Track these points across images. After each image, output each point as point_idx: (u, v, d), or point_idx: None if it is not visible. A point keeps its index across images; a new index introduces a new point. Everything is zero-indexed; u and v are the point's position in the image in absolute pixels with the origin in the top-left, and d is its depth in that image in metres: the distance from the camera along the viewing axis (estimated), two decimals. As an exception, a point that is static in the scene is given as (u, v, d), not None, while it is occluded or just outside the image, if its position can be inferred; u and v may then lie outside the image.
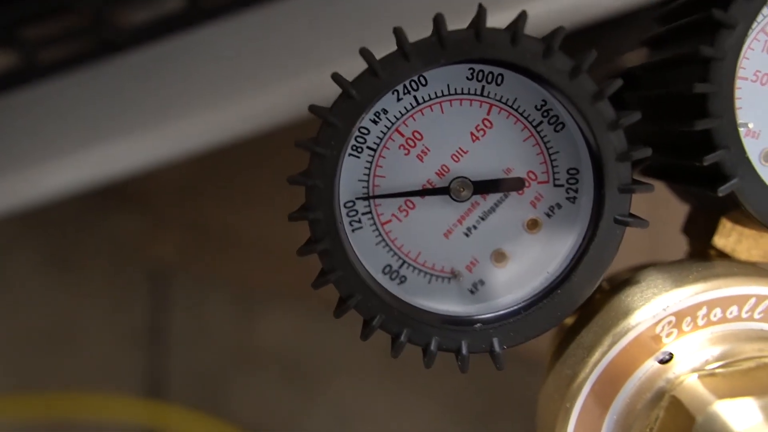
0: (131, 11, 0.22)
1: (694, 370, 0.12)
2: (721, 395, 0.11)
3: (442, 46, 0.12)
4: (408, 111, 0.13)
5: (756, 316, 0.12)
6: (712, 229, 0.14)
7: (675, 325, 0.12)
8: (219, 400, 0.54)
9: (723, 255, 0.14)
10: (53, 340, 0.54)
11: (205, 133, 0.22)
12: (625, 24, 0.22)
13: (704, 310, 0.12)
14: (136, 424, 0.54)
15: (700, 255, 0.14)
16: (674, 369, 0.12)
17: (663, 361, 0.12)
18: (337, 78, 0.12)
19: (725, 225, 0.14)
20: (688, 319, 0.12)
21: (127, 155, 0.23)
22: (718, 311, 0.12)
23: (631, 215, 0.12)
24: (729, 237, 0.14)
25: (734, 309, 0.12)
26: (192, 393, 0.54)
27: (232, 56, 0.22)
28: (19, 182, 0.24)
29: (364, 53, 0.12)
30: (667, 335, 0.12)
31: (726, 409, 0.11)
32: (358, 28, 0.22)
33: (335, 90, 0.12)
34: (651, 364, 0.12)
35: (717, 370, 0.12)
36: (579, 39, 0.22)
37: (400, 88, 0.13)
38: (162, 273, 0.57)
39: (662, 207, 0.16)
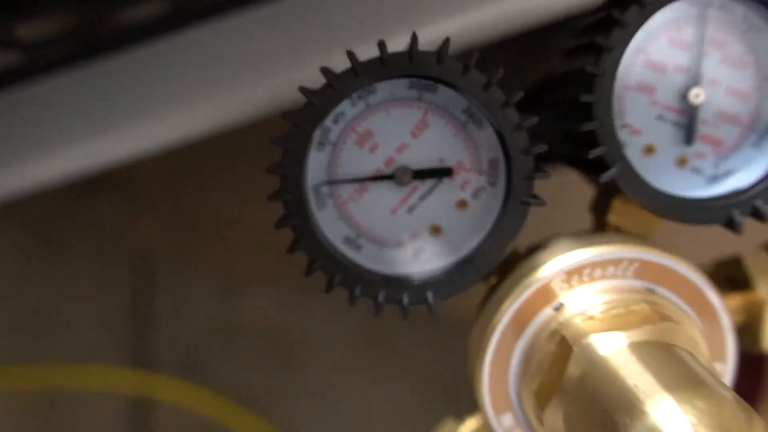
0: (113, 14, 0.25)
1: (578, 315, 0.16)
2: (596, 332, 0.15)
3: (384, 66, 0.15)
4: (361, 113, 0.17)
5: (628, 274, 0.17)
6: (606, 208, 0.18)
7: (566, 281, 0.16)
8: (204, 376, 0.57)
9: (615, 229, 0.18)
10: (40, 322, 0.57)
11: (187, 126, 0.26)
12: (561, 29, 0.25)
13: (589, 269, 0.16)
14: (126, 393, 0.57)
15: (600, 228, 0.18)
16: (564, 314, 0.16)
17: (556, 309, 0.16)
18: (302, 89, 0.16)
19: (615, 205, 0.18)
20: (577, 276, 0.16)
21: (114, 148, 0.26)
22: (599, 270, 0.16)
23: (534, 197, 0.16)
24: (618, 215, 0.18)
25: (611, 269, 0.16)
26: (178, 370, 0.57)
27: (211, 56, 0.26)
28: (9, 174, 0.27)
29: (324, 71, 0.16)
30: (560, 289, 0.16)
31: (597, 340, 0.15)
32: (327, 32, 0.25)
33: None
34: (548, 311, 0.16)
35: (596, 315, 0.16)
36: (519, 43, 0.26)
37: (353, 96, 0.16)
38: (146, 257, 0.59)
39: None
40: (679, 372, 0.14)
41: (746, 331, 0.19)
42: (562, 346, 0.16)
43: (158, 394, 0.56)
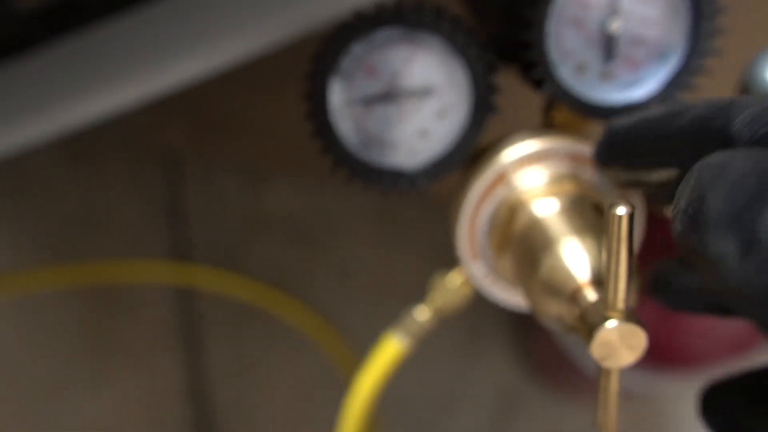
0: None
1: (525, 190, 0.24)
2: (533, 200, 0.23)
3: (380, 19, 0.22)
4: (367, 51, 0.24)
5: (563, 159, 0.24)
6: (552, 109, 0.25)
7: (515, 167, 0.24)
8: (237, 263, 0.65)
9: (560, 124, 0.25)
10: (80, 222, 0.64)
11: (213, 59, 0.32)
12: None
13: (533, 157, 0.24)
14: (169, 284, 0.65)
15: (549, 124, 0.26)
16: (515, 190, 0.24)
17: (510, 186, 0.24)
18: (322, 40, 0.23)
19: (557, 107, 0.25)
20: (525, 162, 0.24)
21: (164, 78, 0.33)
22: (541, 157, 0.24)
23: (491, 109, 0.24)
24: (560, 115, 0.25)
25: (550, 156, 0.24)
26: (213, 258, 0.65)
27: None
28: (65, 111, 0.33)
29: (336, 26, 0.22)
30: (512, 171, 0.24)
31: (536, 205, 0.23)
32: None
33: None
34: (503, 189, 0.24)
35: (538, 189, 0.23)
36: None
37: (361, 39, 0.23)
38: (174, 156, 0.66)
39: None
40: (590, 223, 0.21)
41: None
42: (512, 212, 0.23)
43: (198, 283, 0.64)
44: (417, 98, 0.24)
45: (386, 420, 0.60)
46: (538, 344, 0.55)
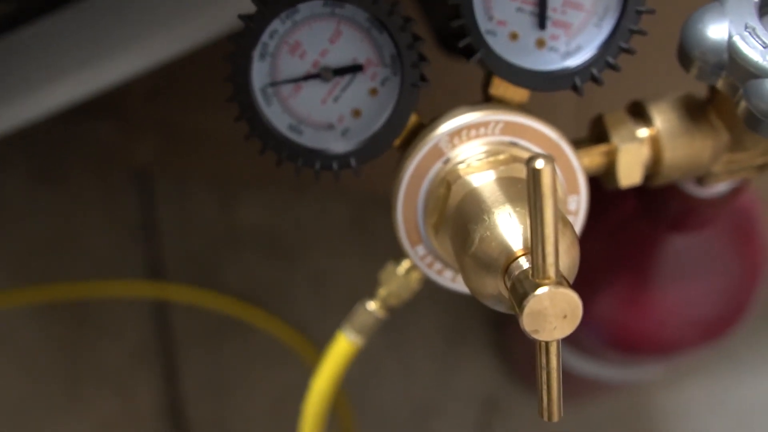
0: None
1: (459, 164, 0.22)
2: (470, 173, 0.22)
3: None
4: (290, 29, 0.23)
5: (496, 131, 0.23)
6: (489, 82, 0.24)
7: (450, 141, 0.23)
8: (212, 278, 0.64)
9: (497, 98, 0.24)
10: (52, 242, 0.63)
11: (164, 48, 0.31)
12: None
13: (465, 131, 0.23)
14: (144, 300, 0.64)
15: (486, 98, 0.24)
16: (450, 165, 0.23)
17: (444, 162, 0.23)
18: (240, 16, 0.21)
19: (494, 79, 0.24)
20: (457, 137, 0.23)
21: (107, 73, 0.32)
22: (473, 131, 0.23)
23: (421, 80, 0.22)
24: (497, 87, 0.24)
25: (483, 129, 0.23)
26: (188, 274, 0.64)
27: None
28: (17, 105, 0.32)
29: (254, 1, 0.21)
30: (446, 147, 0.23)
31: (470, 179, 0.22)
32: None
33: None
34: (438, 164, 0.23)
35: (471, 163, 0.22)
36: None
37: (281, 16, 0.22)
38: (144, 173, 0.65)
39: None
40: (523, 194, 0.20)
41: (608, 174, 0.26)
42: (447, 187, 0.22)
43: (173, 300, 0.63)
44: (346, 76, 0.23)
45: (365, 428, 0.58)
46: (519, 346, 0.54)
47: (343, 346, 0.28)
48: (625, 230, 0.32)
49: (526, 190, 0.16)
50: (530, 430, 0.59)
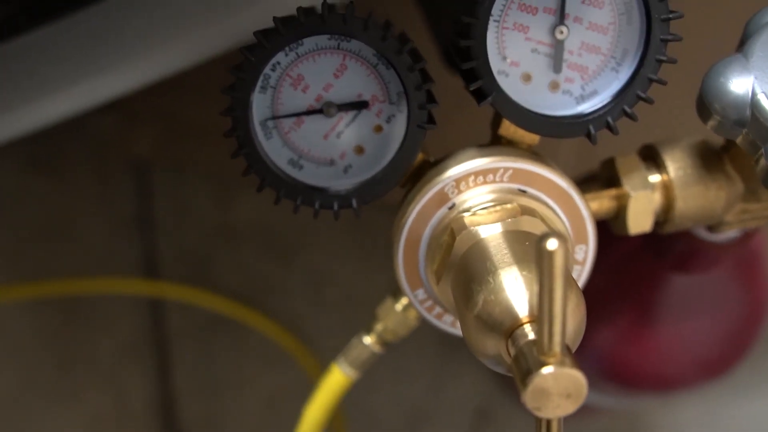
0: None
1: (465, 211, 0.22)
2: (476, 224, 0.21)
3: (302, 26, 0.20)
4: (293, 61, 0.22)
5: (504, 179, 0.22)
6: (498, 124, 0.23)
7: (456, 186, 0.22)
8: (207, 274, 0.63)
9: (507, 140, 0.23)
10: (47, 234, 0.62)
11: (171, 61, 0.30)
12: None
13: (473, 177, 0.22)
14: (137, 297, 0.63)
15: (495, 140, 0.24)
16: (455, 212, 0.22)
17: (450, 208, 0.22)
18: (241, 50, 0.20)
19: (504, 122, 0.23)
20: (464, 182, 0.22)
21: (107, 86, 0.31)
22: (481, 177, 0.22)
23: (429, 121, 0.21)
24: (507, 129, 0.23)
25: (491, 175, 0.22)
26: (183, 269, 0.63)
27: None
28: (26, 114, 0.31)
29: (256, 34, 0.20)
30: (452, 192, 0.22)
31: (476, 229, 0.21)
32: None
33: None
34: (443, 210, 0.22)
35: (477, 211, 0.21)
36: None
37: (285, 49, 0.21)
38: (142, 166, 0.64)
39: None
40: (530, 254, 0.19)
41: (617, 219, 0.25)
42: (452, 235, 0.21)
43: (167, 296, 0.62)
44: (350, 111, 0.22)
45: (356, 438, 0.58)
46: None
47: (336, 378, 0.28)
48: (631, 265, 0.31)
49: (537, 268, 0.15)
50: (522, 442, 0.59)
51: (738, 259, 0.31)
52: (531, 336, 0.17)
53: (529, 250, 0.19)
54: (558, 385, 0.16)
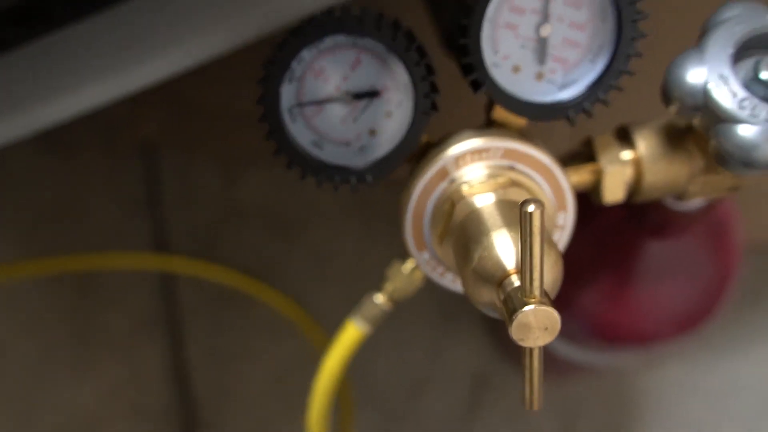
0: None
1: (464, 184, 0.26)
2: (473, 194, 0.25)
3: (324, 27, 0.24)
4: (315, 56, 0.26)
5: (497, 156, 0.26)
6: (492, 108, 0.27)
7: (455, 163, 0.26)
8: (215, 251, 0.67)
9: (499, 122, 0.27)
10: (58, 213, 0.65)
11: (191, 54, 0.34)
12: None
13: (470, 155, 0.26)
14: (148, 273, 0.67)
15: (489, 122, 0.28)
16: (455, 185, 0.26)
17: (450, 182, 0.26)
18: (272, 47, 0.24)
19: (497, 106, 0.27)
20: (462, 159, 0.26)
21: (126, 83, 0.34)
22: (477, 155, 0.26)
23: (433, 108, 0.25)
24: (500, 112, 0.27)
25: (485, 153, 0.26)
26: (191, 246, 0.67)
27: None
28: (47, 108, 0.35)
29: (285, 35, 0.24)
30: (452, 168, 0.26)
31: (473, 199, 0.25)
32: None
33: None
34: (445, 183, 0.26)
35: (474, 184, 0.26)
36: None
37: (308, 46, 0.25)
38: (150, 146, 0.67)
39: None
40: (518, 219, 0.23)
41: (595, 190, 0.29)
42: (452, 204, 0.25)
43: (178, 272, 0.65)
44: (365, 99, 0.26)
45: (359, 402, 0.62)
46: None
47: (351, 332, 0.32)
48: (611, 235, 0.36)
49: (519, 225, 0.19)
50: (518, 405, 0.64)
51: (706, 226, 0.35)
52: (517, 284, 0.21)
53: (517, 215, 0.23)
54: (537, 320, 0.20)
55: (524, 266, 0.19)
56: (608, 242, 0.36)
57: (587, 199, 0.30)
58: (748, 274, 0.60)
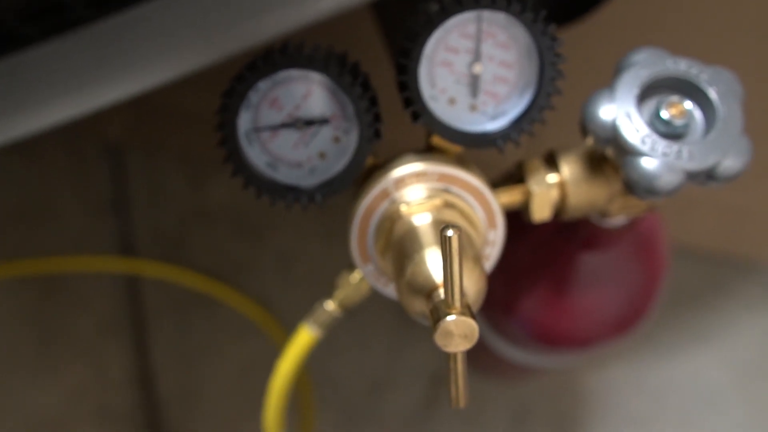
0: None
1: (403, 204, 0.29)
2: (411, 214, 0.29)
3: (275, 63, 0.27)
4: (270, 87, 0.29)
5: (434, 179, 0.29)
6: (431, 134, 0.31)
7: (395, 185, 0.29)
8: (181, 253, 0.69)
9: (438, 147, 0.31)
10: (25, 214, 0.66)
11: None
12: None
13: (409, 178, 0.29)
14: (113, 275, 0.69)
15: (429, 146, 0.31)
16: (395, 205, 0.29)
17: (391, 202, 0.29)
18: (231, 80, 0.27)
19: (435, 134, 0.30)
20: (402, 182, 0.29)
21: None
22: (415, 178, 0.29)
23: (376, 136, 0.29)
24: (438, 140, 0.30)
25: (423, 176, 0.29)
26: (157, 248, 0.69)
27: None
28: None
29: (241, 69, 0.27)
30: (392, 190, 0.29)
31: (410, 218, 0.28)
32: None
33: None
34: (386, 203, 0.30)
35: (413, 204, 0.29)
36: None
37: (263, 79, 0.28)
38: (116, 147, 0.69)
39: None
40: None
41: (525, 209, 0.33)
42: (392, 222, 0.29)
43: (143, 274, 0.67)
44: (315, 126, 0.29)
45: (319, 401, 0.65)
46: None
47: (304, 336, 0.35)
48: (546, 248, 0.39)
49: (441, 248, 0.23)
50: (471, 403, 0.67)
51: (631, 239, 0.39)
52: (442, 296, 0.25)
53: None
54: (458, 328, 0.23)
55: (446, 282, 0.23)
56: (544, 254, 0.40)
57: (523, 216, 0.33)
58: (687, 278, 0.65)
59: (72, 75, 0.35)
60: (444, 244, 0.22)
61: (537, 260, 0.40)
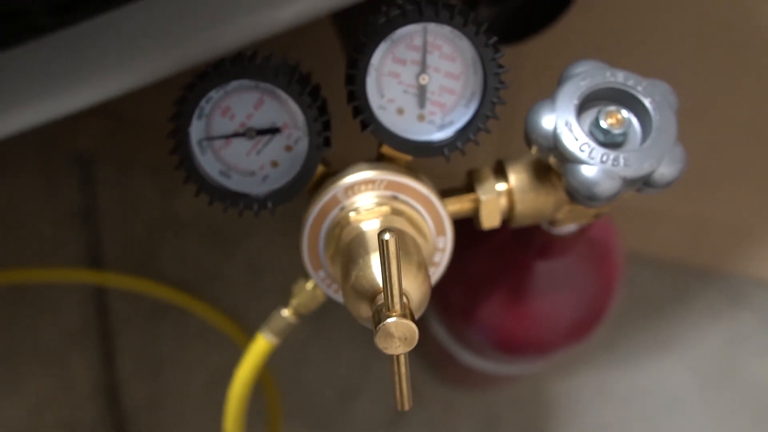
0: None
1: (352, 211, 0.30)
2: (359, 221, 0.30)
3: (225, 73, 0.28)
4: (222, 96, 0.30)
5: (381, 187, 0.30)
6: (381, 143, 0.32)
7: (345, 193, 0.30)
8: (150, 263, 0.69)
9: (388, 156, 0.32)
10: None
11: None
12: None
13: (358, 185, 0.30)
14: (81, 286, 0.69)
15: (380, 156, 0.32)
16: (344, 212, 0.30)
17: (341, 209, 0.30)
18: (184, 88, 0.28)
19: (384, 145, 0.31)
20: (351, 190, 0.30)
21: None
22: (363, 186, 0.30)
23: (326, 144, 0.30)
24: (387, 149, 0.31)
25: (371, 184, 0.30)
26: (126, 259, 0.69)
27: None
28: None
29: (192, 77, 0.28)
30: (342, 197, 0.30)
31: (358, 225, 0.29)
32: None
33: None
34: (336, 210, 0.30)
35: (361, 211, 0.30)
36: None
37: (215, 88, 0.29)
38: (86, 157, 0.69)
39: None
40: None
41: (475, 217, 0.34)
42: (341, 229, 0.30)
43: (111, 285, 0.68)
44: (267, 135, 0.30)
45: (288, 410, 0.66)
46: (427, 341, 0.62)
47: (261, 344, 0.36)
48: (502, 255, 0.41)
49: (379, 252, 0.24)
50: (441, 413, 0.68)
51: (584, 246, 0.40)
52: (382, 300, 0.26)
53: (401, 242, 0.28)
54: (398, 331, 0.24)
55: (385, 284, 0.24)
56: (500, 263, 0.41)
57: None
58: (651, 288, 0.67)
59: (31, 83, 0.36)
60: (382, 247, 0.23)
61: (493, 269, 0.41)
